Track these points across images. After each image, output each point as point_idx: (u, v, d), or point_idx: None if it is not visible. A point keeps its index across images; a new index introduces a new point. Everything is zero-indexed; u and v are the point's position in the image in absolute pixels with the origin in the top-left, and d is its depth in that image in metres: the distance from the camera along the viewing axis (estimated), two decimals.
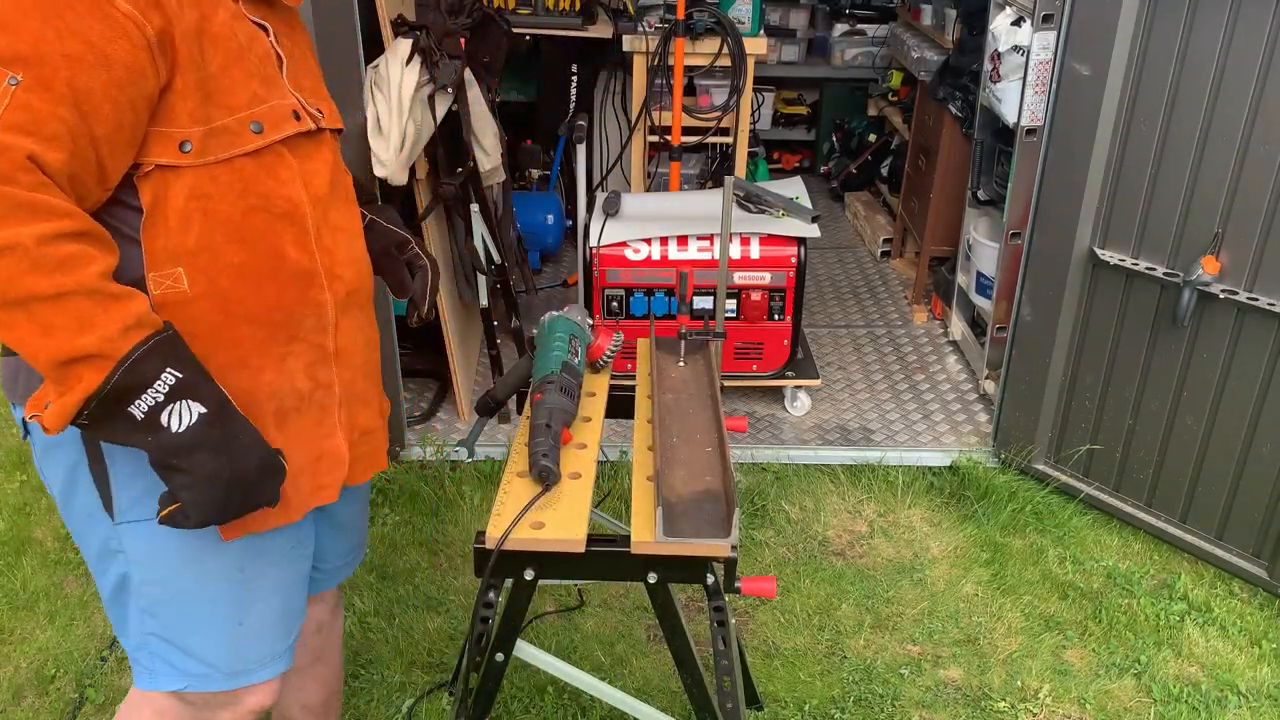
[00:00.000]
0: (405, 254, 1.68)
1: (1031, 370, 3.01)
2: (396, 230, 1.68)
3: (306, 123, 1.35)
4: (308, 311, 1.37)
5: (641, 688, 2.38)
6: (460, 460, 3.17)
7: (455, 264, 3.37)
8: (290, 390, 1.37)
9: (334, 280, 1.40)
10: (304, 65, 1.43)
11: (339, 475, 1.46)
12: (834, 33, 5.41)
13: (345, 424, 1.46)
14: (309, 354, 1.38)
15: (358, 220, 1.49)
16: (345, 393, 1.45)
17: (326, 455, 1.44)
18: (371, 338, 1.53)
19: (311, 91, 1.42)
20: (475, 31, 3.17)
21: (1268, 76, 2.33)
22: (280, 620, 1.50)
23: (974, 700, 2.38)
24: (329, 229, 1.39)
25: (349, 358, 1.45)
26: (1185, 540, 2.81)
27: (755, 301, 3.27)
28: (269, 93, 1.30)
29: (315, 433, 1.42)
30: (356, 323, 1.46)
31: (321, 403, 1.42)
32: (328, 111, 1.45)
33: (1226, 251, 2.52)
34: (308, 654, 1.77)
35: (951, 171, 3.87)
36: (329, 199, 1.40)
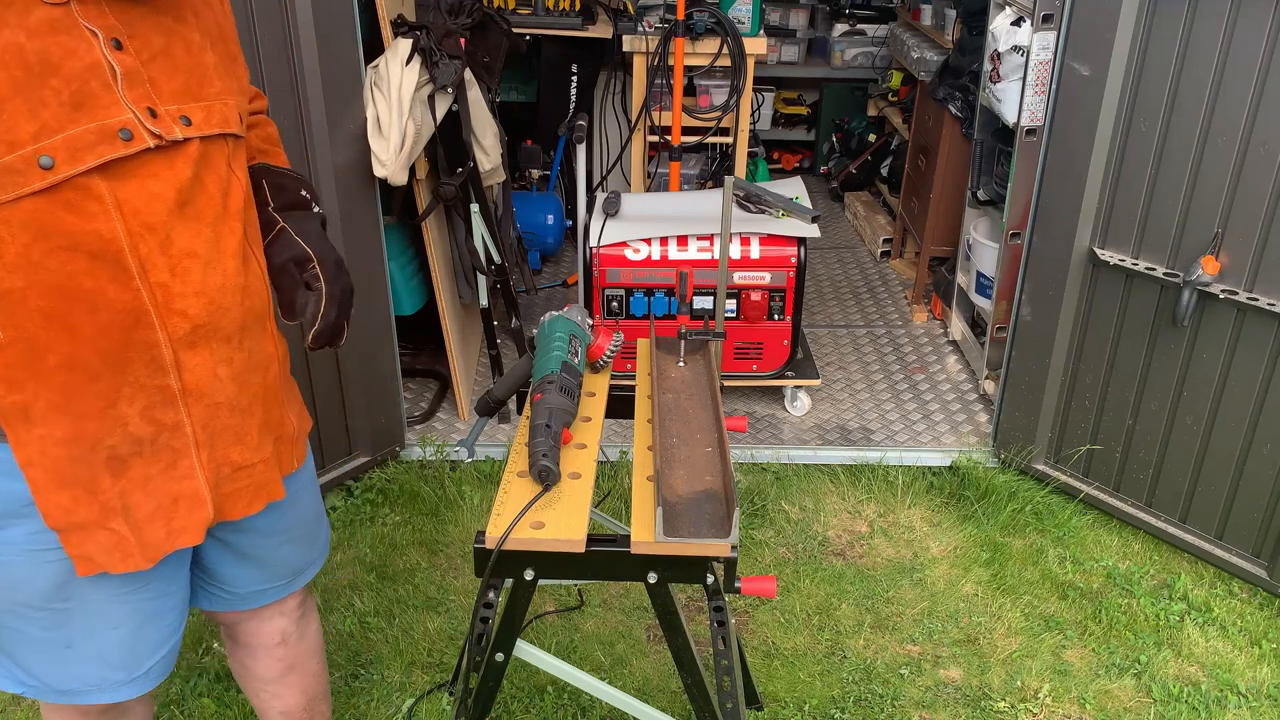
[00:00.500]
0: (304, 272, 1.51)
1: (1031, 370, 3.01)
2: (300, 244, 1.50)
3: (143, 140, 1.22)
4: (135, 354, 1.27)
5: (641, 688, 2.38)
6: (460, 460, 3.17)
7: (455, 264, 3.37)
8: (125, 437, 1.30)
9: (171, 317, 1.28)
10: (176, 64, 1.28)
11: (199, 517, 1.39)
12: (834, 33, 5.41)
13: (208, 463, 1.38)
14: (144, 397, 1.29)
15: (230, 239, 1.34)
16: (204, 432, 1.36)
17: (182, 499, 1.37)
18: (252, 365, 1.41)
19: (184, 95, 1.28)
20: (475, 31, 3.17)
21: (1268, 76, 2.33)
22: (118, 650, 1.45)
23: (974, 700, 2.38)
24: (171, 259, 1.26)
25: (207, 395, 1.35)
26: (1185, 540, 2.81)
27: (755, 301, 3.27)
28: (74, 117, 1.17)
29: (166, 476, 1.35)
30: (219, 355, 1.35)
31: (171, 445, 1.34)
32: (204, 116, 1.30)
33: (1226, 251, 2.52)
34: (278, 664, 1.75)
35: (951, 171, 3.88)
36: (172, 224, 1.26)
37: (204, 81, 1.32)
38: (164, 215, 1.25)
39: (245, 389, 1.41)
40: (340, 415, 2.95)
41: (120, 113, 1.20)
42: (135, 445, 1.31)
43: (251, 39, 2.41)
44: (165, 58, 1.27)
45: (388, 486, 3.03)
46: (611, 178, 4.53)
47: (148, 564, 1.37)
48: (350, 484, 3.03)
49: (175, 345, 1.29)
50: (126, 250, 1.23)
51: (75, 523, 1.31)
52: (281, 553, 1.64)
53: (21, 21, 1.14)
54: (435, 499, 2.99)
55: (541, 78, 4.36)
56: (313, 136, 2.62)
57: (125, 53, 1.22)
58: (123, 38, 1.22)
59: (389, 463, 3.13)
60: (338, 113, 2.65)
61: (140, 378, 1.29)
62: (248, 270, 1.38)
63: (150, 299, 1.26)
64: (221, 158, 1.34)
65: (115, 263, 1.22)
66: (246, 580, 1.62)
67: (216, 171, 1.33)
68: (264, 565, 1.62)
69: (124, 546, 1.34)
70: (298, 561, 1.68)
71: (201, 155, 1.30)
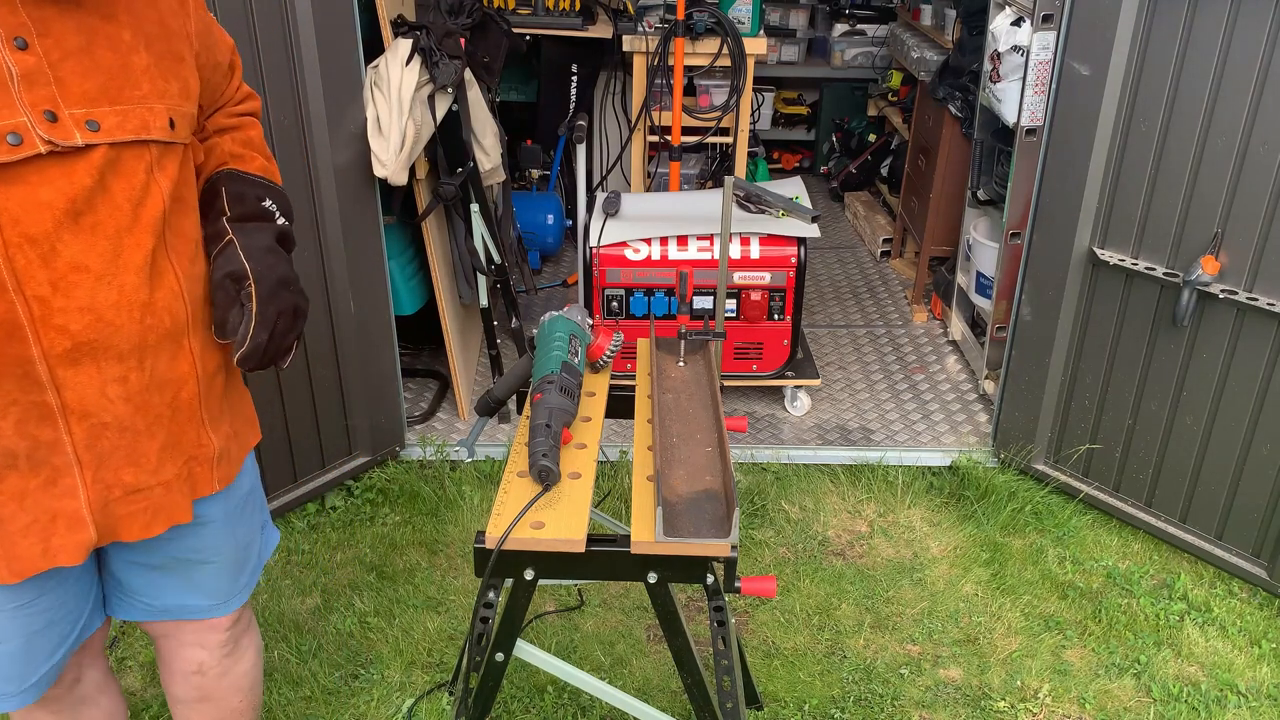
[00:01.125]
0: (241, 289, 1.43)
1: (1031, 370, 3.01)
2: (240, 259, 1.43)
3: (33, 145, 1.16)
4: (6, 367, 1.22)
5: (641, 688, 2.38)
6: (460, 460, 3.17)
7: (455, 264, 3.37)
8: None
9: (49, 332, 1.22)
10: (95, 63, 1.23)
11: (79, 538, 1.34)
12: (834, 33, 5.41)
13: (94, 483, 1.33)
14: (18, 411, 1.25)
15: (134, 254, 1.28)
16: (88, 452, 1.31)
17: (61, 517, 1.32)
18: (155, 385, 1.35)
19: (99, 97, 1.23)
20: (475, 31, 3.17)
21: (1268, 76, 2.33)
22: (10, 663, 1.43)
23: (974, 700, 2.38)
24: (53, 272, 1.21)
25: (92, 414, 1.30)
26: (1185, 540, 2.81)
27: (755, 301, 3.27)
28: None
29: (45, 493, 1.31)
30: (110, 374, 1.29)
31: (49, 461, 1.30)
32: (118, 121, 1.24)
33: (1226, 251, 2.52)
34: (191, 690, 1.73)
35: (951, 171, 3.88)
36: (59, 235, 1.21)
37: (128, 84, 1.25)
38: (49, 225, 1.20)
39: (143, 410, 1.34)
40: (340, 415, 2.95)
41: (12, 114, 1.16)
42: (9, 458, 1.28)
43: (252, 39, 2.41)
44: (82, 57, 1.22)
45: (388, 486, 3.03)
46: (611, 178, 4.53)
47: (13, 579, 1.33)
48: (350, 484, 3.03)
49: (52, 361, 1.24)
50: (0, 262, 1.17)
51: None
52: (200, 573, 1.58)
53: None
54: (435, 499, 2.99)
55: (541, 78, 4.37)
56: (313, 136, 2.62)
57: (29, 53, 1.17)
58: (30, 36, 1.17)
59: (389, 463, 3.13)
60: (338, 113, 2.65)
61: (13, 391, 1.24)
62: (157, 285, 1.31)
63: (25, 313, 1.21)
64: (139, 165, 1.27)
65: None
66: (160, 592, 1.56)
67: (129, 180, 1.26)
68: (179, 579, 1.57)
69: None
70: (220, 585, 1.61)
71: (109, 162, 1.24)
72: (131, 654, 2.44)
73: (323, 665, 2.43)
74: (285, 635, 2.50)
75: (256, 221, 1.49)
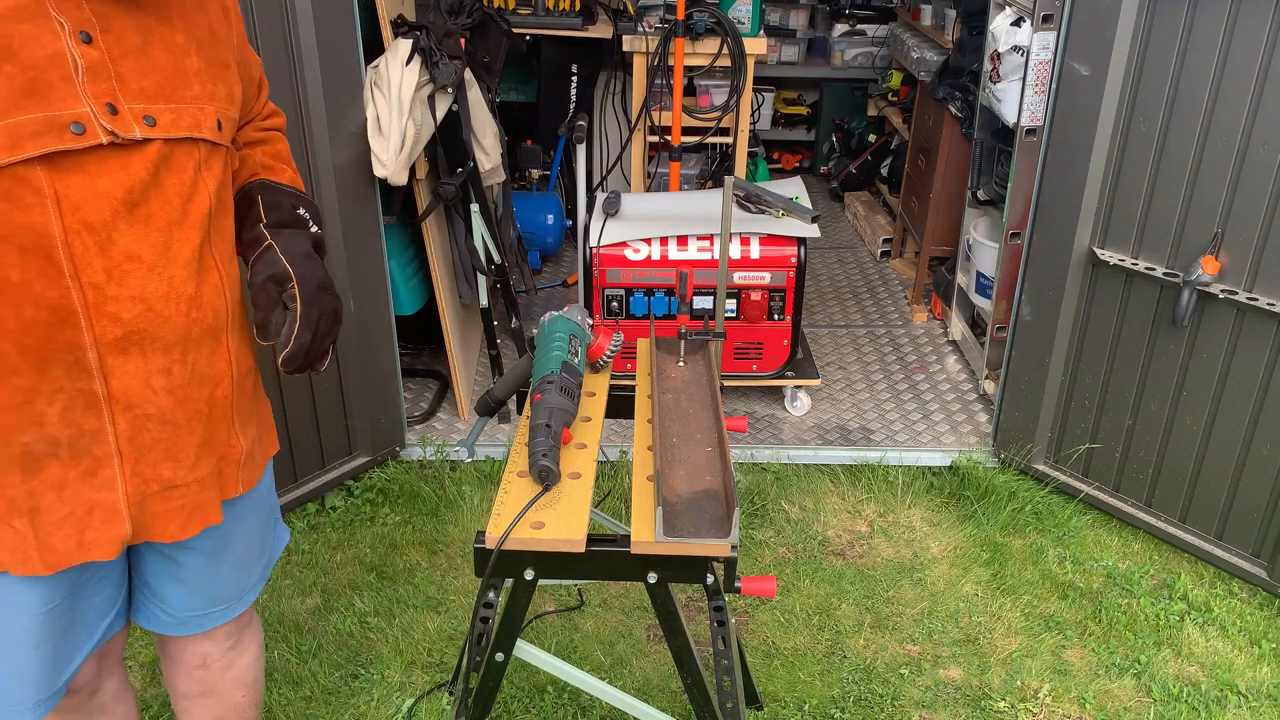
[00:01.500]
0: (283, 292, 1.47)
1: (1031, 370, 3.01)
2: (283, 263, 1.47)
3: (96, 135, 1.20)
4: (57, 353, 1.24)
5: (641, 688, 2.38)
6: (460, 460, 3.17)
7: (455, 264, 3.37)
8: (41, 435, 1.27)
9: (102, 319, 1.25)
10: (151, 62, 1.26)
11: (115, 533, 1.35)
12: (834, 33, 5.41)
13: (132, 476, 1.34)
14: (65, 398, 1.26)
15: (183, 247, 1.31)
16: (129, 444, 1.32)
17: (98, 509, 1.33)
18: (195, 379, 1.37)
19: (154, 94, 1.26)
20: (475, 31, 3.17)
21: (1268, 76, 2.33)
22: (35, 670, 1.42)
23: (974, 700, 2.38)
24: (109, 260, 1.24)
25: (136, 405, 1.31)
26: (1185, 540, 2.81)
27: (755, 301, 3.27)
28: (21, 104, 1.15)
29: (84, 484, 1.31)
30: (155, 365, 1.31)
31: (90, 451, 1.30)
32: (173, 118, 1.28)
33: (1226, 251, 2.52)
34: (195, 685, 1.73)
35: (951, 171, 3.88)
36: (116, 224, 1.23)
37: (181, 83, 1.29)
38: (108, 214, 1.23)
39: (184, 404, 1.36)
40: (340, 415, 2.95)
41: (76, 105, 1.19)
42: (52, 446, 1.28)
43: (252, 39, 2.39)
44: (140, 55, 1.25)
45: (388, 486, 3.03)
46: (611, 178, 4.53)
47: (46, 570, 1.32)
48: (350, 484, 3.03)
49: (103, 349, 1.26)
50: (60, 247, 1.20)
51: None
52: (220, 576, 1.59)
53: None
54: (435, 499, 2.99)
55: (541, 78, 4.37)
56: (313, 136, 2.62)
57: (93, 47, 1.21)
58: (94, 32, 1.21)
59: (389, 463, 3.13)
60: (338, 113, 2.65)
61: (61, 378, 1.26)
62: (202, 281, 1.35)
63: (80, 299, 1.23)
64: (189, 163, 1.31)
65: (46, 258, 1.20)
66: (184, 604, 1.58)
67: (180, 176, 1.30)
68: (202, 589, 1.58)
69: (24, 548, 1.31)
70: (235, 586, 1.63)
71: (163, 158, 1.27)
72: (132, 654, 2.44)
73: (323, 665, 2.43)
74: (285, 635, 2.50)
75: (293, 228, 1.53)
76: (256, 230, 1.50)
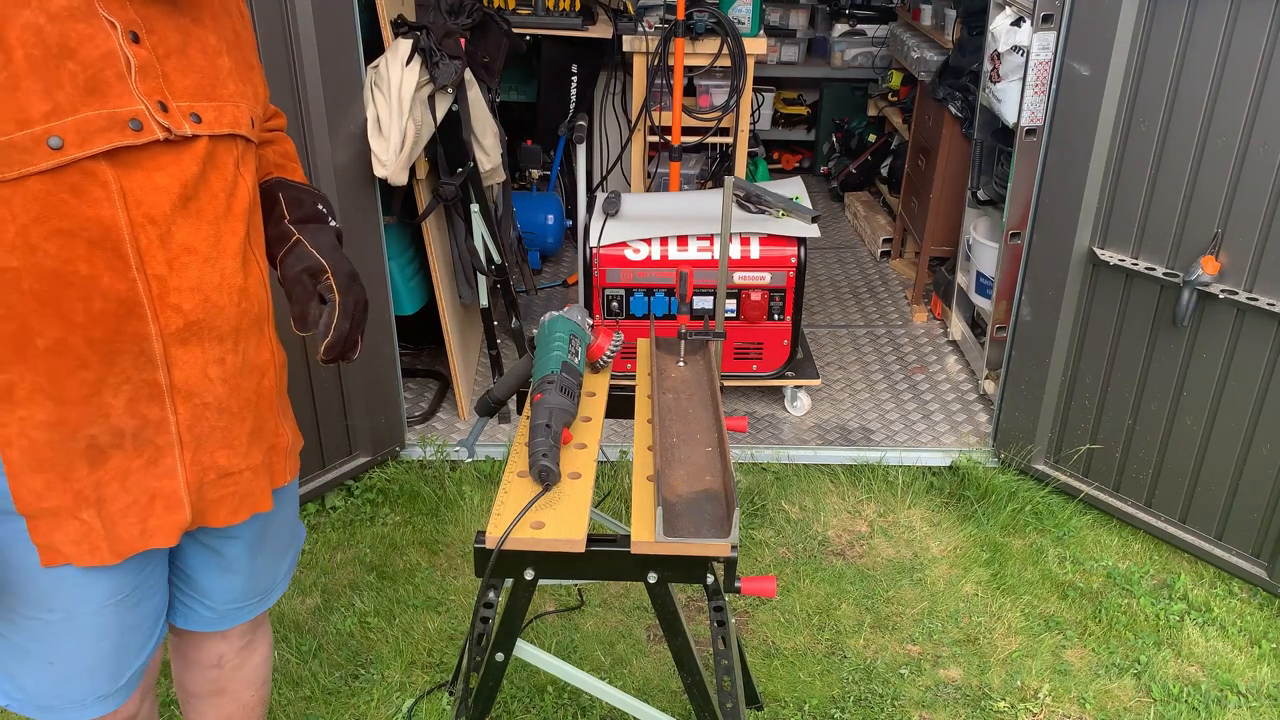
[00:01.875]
0: (318, 284, 1.51)
1: (1031, 370, 3.01)
2: (316, 256, 1.52)
3: (152, 132, 1.23)
4: (125, 344, 1.27)
5: (641, 688, 2.38)
6: (460, 460, 3.17)
7: (455, 264, 3.38)
8: (106, 427, 1.30)
9: (165, 310, 1.28)
10: (190, 63, 1.30)
11: (175, 519, 1.38)
12: (834, 33, 5.41)
13: (191, 464, 1.37)
14: (130, 390, 1.29)
15: (231, 239, 1.35)
16: (189, 432, 1.36)
17: (160, 497, 1.36)
18: (246, 369, 1.41)
19: (196, 93, 1.30)
20: (475, 31, 3.17)
21: (1268, 76, 2.33)
22: (103, 664, 1.44)
23: (974, 700, 2.38)
24: (169, 252, 1.27)
25: (196, 394, 1.35)
26: (1185, 540, 2.81)
27: (755, 301, 3.27)
28: (87, 101, 1.18)
29: (147, 473, 1.34)
30: (211, 355, 1.35)
31: (154, 441, 1.33)
32: (215, 116, 1.32)
33: (1226, 251, 2.52)
34: (208, 684, 1.73)
35: (951, 171, 3.88)
36: (174, 218, 1.27)
37: (217, 82, 1.33)
38: (166, 208, 1.26)
39: (236, 392, 1.40)
40: (340, 415, 2.95)
41: (132, 103, 1.22)
42: (117, 437, 1.31)
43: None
44: (180, 55, 1.29)
45: (388, 486, 3.03)
46: (611, 178, 4.53)
47: (115, 559, 1.35)
48: (350, 484, 3.03)
49: (167, 339, 1.30)
50: (127, 240, 1.23)
51: (45, 509, 1.31)
52: (259, 564, 1.62)
53: (43, 5, 1.16)
54: (435, 499, 2.99)
55: (541, 78, 4.37)
56: (313, 136, 2.62)
57: (141, 46, 1.24)
58: (140, 31, 1.24)
59: (389, 463, 3.13)
60: (338, 113, 2.65)
61: (128, 369, 1.28)
62: (247, 272, 1.39)
63: (145, 291, 1.26)
64: (229, 158, 1.35)
65: (114, 251, 1.23)
66: (226, 594, 1.60)
67: (223, 171, 1.34)
68: (244, 578, 1.61)
69: (91, 538, 1.33)
70: (270, 577, 1.66)
71: (209, 153, 1.31)
72: None
73: (323, 665, 2.43)
74: (285, 635, 2.50)
75: (317, 223, 1.57)
76: (283, 226, 1.54)
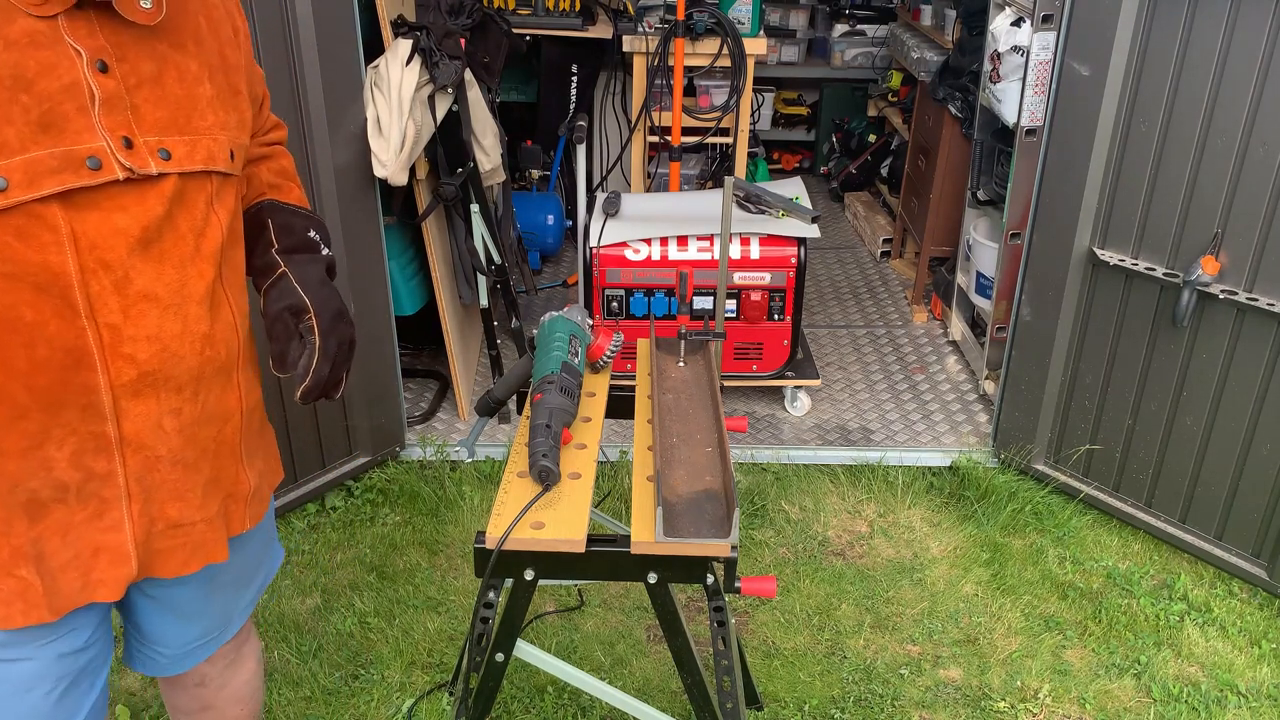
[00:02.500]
0: (300, 322, 1.42)
1: (1031, 370, 3.01)
2: (299, 292, 1.42)
3: (112, 171, 1.15)
4: (71, 395, 1.19)
5: (641, 688, 2.38)
6: (460, 460, 3.17)
7: (455, 264, 3.38)
8: (48, 481, 1.22)
9: (117, 360, 1.20)
10: (164, 93, 1.21)
11: (120, 573, 1.30)
12: (834, 33, 5.41)
13: (140, 517, 1.29)
14: (75, 442, 1.22)
15: (197, 284, 1.26)
16: (138, 485, 1.28)
17: (104, 551, 1.29)
18: (205, 418, 1.32)
19: (168, 126, 1.21)
20: (475, 31, 3.17)
21: (1268, 76, 2.33)
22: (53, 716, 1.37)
23: (974, 700, 2.38)
24: (125, 299, 1.19)
25: (147, 446, 1.27)
26: (1185, 540, 2.81)
27: (755, 301, 3.27)
28: (38, 139, 1.10)
29: (90, 526, 1.27)
30: (167, 406, 1.26)
31: (99, 494, 1.26)
32: (187, 151, 1.23)
33: (1226, 251, 2.52)
34: (193, 701, 1.70)
35: (951, 171, 3.88)
36: (132, 262, 1.19)
37: (194, 114, 1.25)
38: (124, 252, 1.18)
39: (193, 443, 1.32)
40: (340, 415, 2.95)
41: (92, 139, 1.14)
42: (59, 491, 1.24)
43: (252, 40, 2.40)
44: (154, 85, 1.20)
45: (388, 486, 3.03)
46: (611, 178, 4.53)
47: (53, 616, 1.28)
48: (350, 484, 3.03)
49: (118, 391, 1.22)
50: (76, 287, 1.15)
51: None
52: (214, 604, 1.55)
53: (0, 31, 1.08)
54: (435, 499, 2.99)
55: (541, 78, 4.37)
56: (313, 136, 2.62)
57: (110, 76, 1.15)
58: (110, 60, 1.16)
59: (389, 463, 3.13)
60: (338, 113, 2.65)
61: (74, 421, 1.21)
62: (215, 318, 1.31)
63: (96, 340, 1.18)
64: (201, 196, 1.26)
65: (62, 298, 1.15)
66: (180, 639, 1.54)
67: (192, 211, 1.25)
68: (196, 620, 1.54)
69: (29, 596, 1.26)
70: (228, 611, 1.59)
71: (177, 192, 1.22)
72: None
73: (323, 665, 2.43)
74: (285, 635, 2.50)
75: (306, 253, 1.48)
76: (269, 256, 1.45)
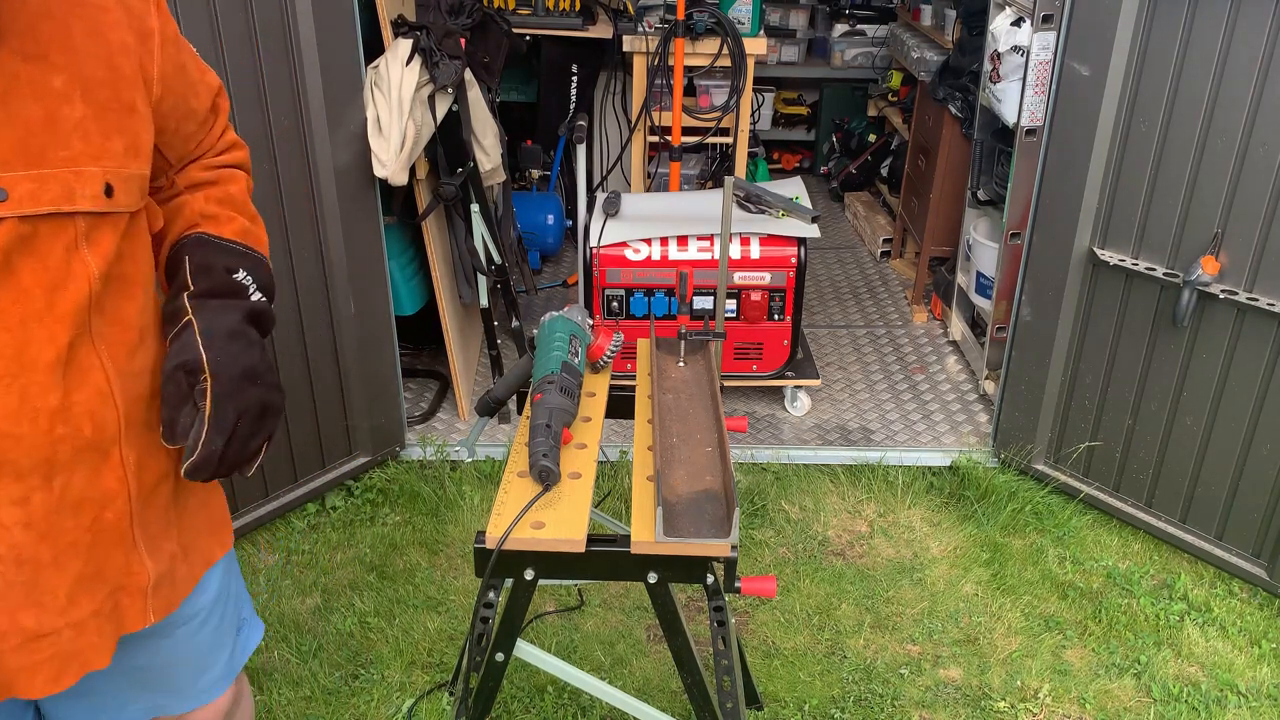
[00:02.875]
0: (196, 384, 1.16)
1: (1031, 370, 3.01)
2: (197, 348, 1.16)
3: None
4: None
5: (641, 688, 2.38)
6: (460, 460, 3.17)
7: (455, 264, 3.38)
8: None
9: None
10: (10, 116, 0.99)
11: None
12: (834, 33, 5.41)
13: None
14: None
15: (46, 350, 1.04)
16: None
17: None
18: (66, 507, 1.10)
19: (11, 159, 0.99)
20: (475, 31, 3.18)
21: (1268, 76, 2.33)
22: None
23: (974, 700, 2.38)
24: None
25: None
26: (1185, 540, 2.81)
27: (755, 301, 3.27)
28: None
29: None
30: (6, 496, 1.06)
31: None
32: (33, 189, 1.00)
33: (1226, 251, 2.52)
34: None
35: (951, 171, 3.88)
36: None
37: (52, 141, 1.01)
38: None
39: (49, 538, 1.09)
40: (340, 415, 2.95)
41: None
42: None
43: (252, 40, 2.41)
44: None
45: (388, 486, 3.03)
46: (611, 178, 4.53)
47: None
48: (350, 484, 3.03)
49: None
50: None
51: None
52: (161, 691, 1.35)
53: None
54: (435, 499, 2.99)
55: (541, 78, 4.37)
56: (313, 136, 2.62)
57: None
58: None
59: (389, 463, 3.13)
60: (338, 113, 2.65)
61: None
62: (75, 386, 1.07)
63: None
64: (58, 243, 1.03)
65: None
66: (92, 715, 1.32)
67: (43, 260, 1.03)
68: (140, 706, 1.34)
69: None
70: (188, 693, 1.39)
71: (19, 239, 1.00)
72: None
73: (323, 665, 2.43)
74: (285, 635, 2.50)
75: (224, 298, 1.22)
76: (179, 301, 1.20)
